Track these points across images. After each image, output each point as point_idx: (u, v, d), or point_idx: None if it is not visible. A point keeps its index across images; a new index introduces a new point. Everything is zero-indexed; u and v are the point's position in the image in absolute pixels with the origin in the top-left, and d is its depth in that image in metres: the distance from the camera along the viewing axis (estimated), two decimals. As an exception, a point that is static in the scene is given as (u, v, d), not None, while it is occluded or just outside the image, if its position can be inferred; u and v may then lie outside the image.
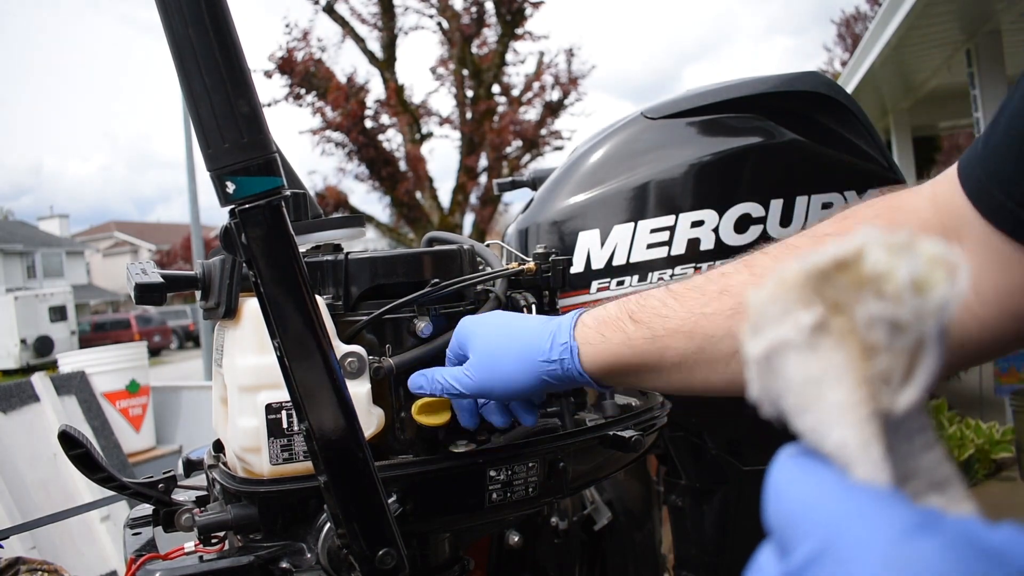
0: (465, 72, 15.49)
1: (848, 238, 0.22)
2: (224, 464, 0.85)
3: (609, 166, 1.14)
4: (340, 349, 0.76)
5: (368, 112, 14.81)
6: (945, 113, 9.57)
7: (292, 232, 0.62)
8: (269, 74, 14.33)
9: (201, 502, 0.85)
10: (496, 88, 15.78)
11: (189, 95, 0.58)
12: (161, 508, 0.81)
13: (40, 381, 3.52)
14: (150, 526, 0.88)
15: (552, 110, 15.89)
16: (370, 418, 0.77)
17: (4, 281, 29.97)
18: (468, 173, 15.37)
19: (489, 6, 15.12)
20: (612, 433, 0.88)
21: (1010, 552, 0.21)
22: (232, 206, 0.60)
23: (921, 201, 0.58)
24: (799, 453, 0.25)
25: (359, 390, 0.76)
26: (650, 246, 1.08)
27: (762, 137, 1.09)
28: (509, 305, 0.88)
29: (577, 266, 1.11)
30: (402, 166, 15.18)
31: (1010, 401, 3.72)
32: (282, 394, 0.74)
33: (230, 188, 0.59)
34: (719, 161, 1.08)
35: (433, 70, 16.03)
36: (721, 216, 1.06)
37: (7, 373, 18.71)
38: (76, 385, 3.75)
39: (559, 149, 16.25)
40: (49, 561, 1.36)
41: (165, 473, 0.83)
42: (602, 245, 1.10)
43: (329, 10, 14.84)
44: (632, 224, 1.08)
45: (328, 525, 0.73)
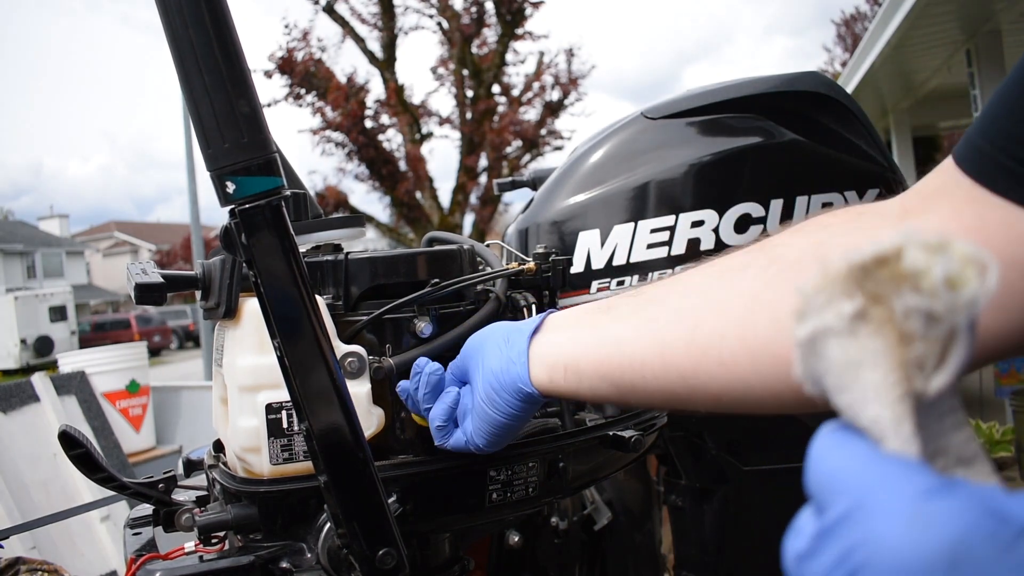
0: (465, 72, 15.50)
1: (887, 236, 0.25)
2: (224, 464, 0.85)
3: (609, 166, 1.14)
4: (340, 349, 0.76)
5: (368, 112, 14.83)
6: (945, 113, 9.57)
7: (292, 232, 0.62)
8: (269, 74, 14.35)
9: (201, 502, 0.85)
10: (496, 88, 15.79)
11: (189, 95, 0.58)
12: (161, 508, 0.81)
13: (40, 381, 3.52)
14: (150, 526, 0.88)
15: (552, 110, 15.90)
16: (370, 418, 0.77)
17: (4, 281, 29.98)
18: (468, 173, 15.37)
19: (489, 6, 15.13)
20: (612, 433, 0.88)
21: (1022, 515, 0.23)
22: (232, 206, 0.60)
23: (887, 206, 0.58)
24: (838, 427, 0.27)
25: (359, 390, 0.76)
26: (650, 246, 1.08)
27: (762, 137, 1.09)
28: (509, 305, 0.88)
29: (577, 266, 1.11)
30: (402, 166, 15.19)
31: (1010, 401, 3.72)
32: (282, 394, 0.74)
33: (230, 188, 0.59)
34: (719, 161, 1.08)
35: (433, 70, 16.04)
36: (721, 216, 1.06)
37: (7, 373, 18.72)
38: (76, 385, 3.75)
39: (559, 149, 16.27)
40: (49, 561, 1.36)
41: (165, 473, 0.83)
42: (602, 245, 1.10)
43: (329, 10, 14.84)
44: (632, 224, 1.08)
45: (328, 525, 0.73)
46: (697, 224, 1.06)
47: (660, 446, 1.26)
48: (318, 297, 0.69)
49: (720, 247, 1.05)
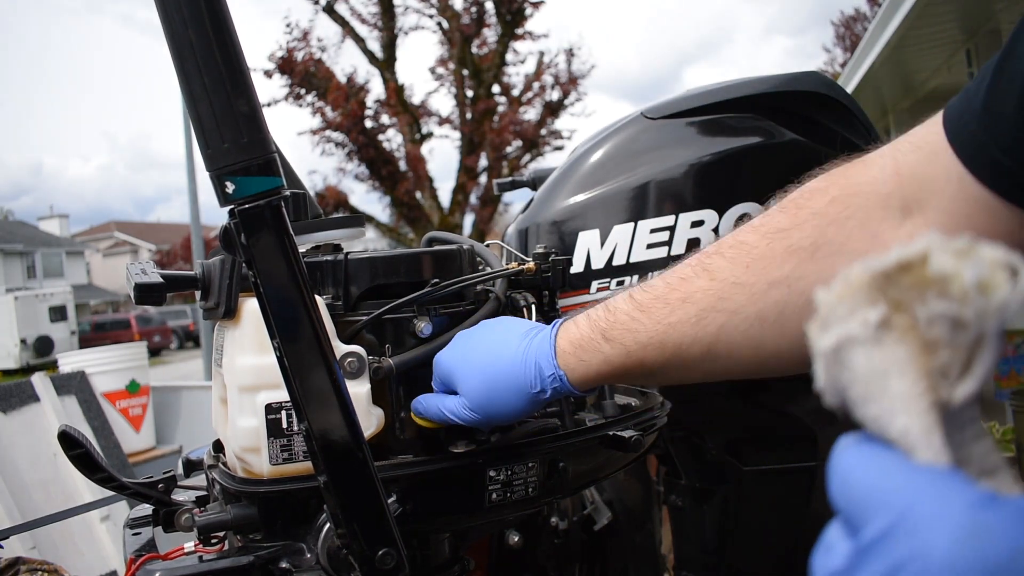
0: (465, 72, 15.50)
1: (911, 242, 0.24)
2: (224, 464, 0.85)
3: (609, 166, 1.14)
4: (340, 349, 0.76)
5: (368, 112, 14.82)
6: (945, 113, 9.55)
7: (292, 232, 0.62)
8: (269, 74, 14.34)
9: (201, 502, 0.85)
10: (496, 88, 15.78)
11: (188, 95, 0.58)
12: (161, 508, 0.81)
13: (40, 381, 3.52)
14: (150, 526, 0.88)
15: (552, 110, 15.90)
16: (370, 418, 0.77)
17: (4, 281, 29.98)
18: (468, 173, 15.37)
19: (489, 6, 15.12)
20: (612, 433, 0.88)
21: None
22: (232, 206, 0.60)
23: (878, 174, 0.58)
24: (862, 440, 0.26)
25: (359, 390, 0.76)
26: (650, 246, 1.08)
27: (762, 137, 1.09)
28: (509, 305, 0.88)
29: (577, 266, 1.11)
30: (402, 166, 15.19)
31: (1010, 401, 3.72)
32: (282, 394, 0.74)
33: (230, 188, 0.59)
34: (719, 161, 1.08)
35: (433, 70, 16.03)
36: (721, 216, 1.06)
37: (7, 373, 18.72)
38: (76, 385, 3.75)
39: (559, 149, 16.27)
40: (49, 561, 1.36)
41: (165, 473, 0.83)
42: (602, 245, 1.10)
43: (329, 10, 14.84)
44: (632, 224, 1.08)
45: (328, 525, 0.73)
46: (697, 224, 1.06)
47: (660, 446, 1.26)
48: (318, 297, 0.69)
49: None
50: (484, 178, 15.59)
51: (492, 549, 1.14)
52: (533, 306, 0.89)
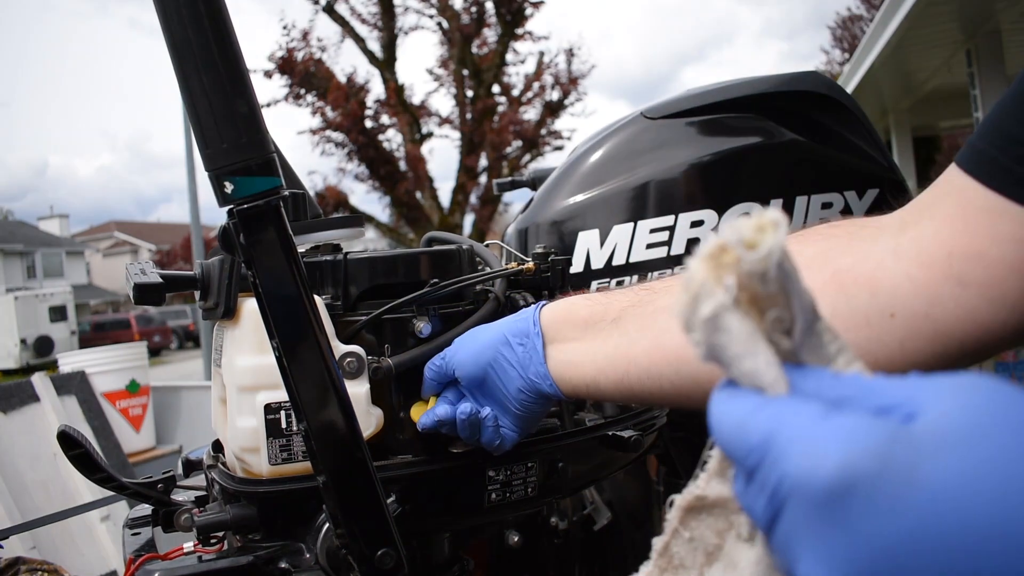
0: (465, 72, 15.50)
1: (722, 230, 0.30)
2: (223, 464, 0.85)
3: (609, 166, 1.14)
4: (339, 349, 0.76)
5: (368, 112, 14.82)
6: (945, 113, 9.58)
7: (291, 232, 0.62)
8: (269, 74, 14.34)
9: (200, 502, 0.85)
10: (496, 88, 15.78)
11: (187, 95, 0.58)
12: (160, 508, 0.81)
13: (40, 381, 3.52)
14: (149, 526, 0.88)
15: (552, 110, 15.90)
16: (369, 418, 0.77)
17: (4, 281, 29.98)
18: (468, 173, 15.37)
19: (489, 6, 15.12)
20: (612, 433, 0.88)
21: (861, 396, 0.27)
22: (231, 206, 0.60)
23: (886, 218, 0.58)
24: (727, 389, 0.31)
25: (358, 390, 0.76)
26: (650, 246, 1.08)
27: (762, 137, 1.09)
28: (508, 305, 0.88)
29: (577, 266, 1.11)
30: (402, 166, 15.19)
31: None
32: (281, 394, 0.74)
33: (229, 188, 0.59)
34: (719, 161, 1.08)
35: (433, 70, 16.03)
36: (721, 216, 1.06)
37: (7, 373, 18.72)
38: (76, 385, 3.75)
39: (559, 149, 16.26)
40: (49, 561, 1.36)
41: (164, 473, 0.83)
42: (602, 245, 1.10)
43: (329, 10, 14.84)
44: (632, 224, 1.08)
45: (327, 525, 0.73)
46: (697, 224, 1.06)
47: (660, 446, 1.26)
48: (317, 297, 0.69)
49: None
50: (484, 178, 15.59)
51: (492, 549, 1.13)
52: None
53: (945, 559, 0.23)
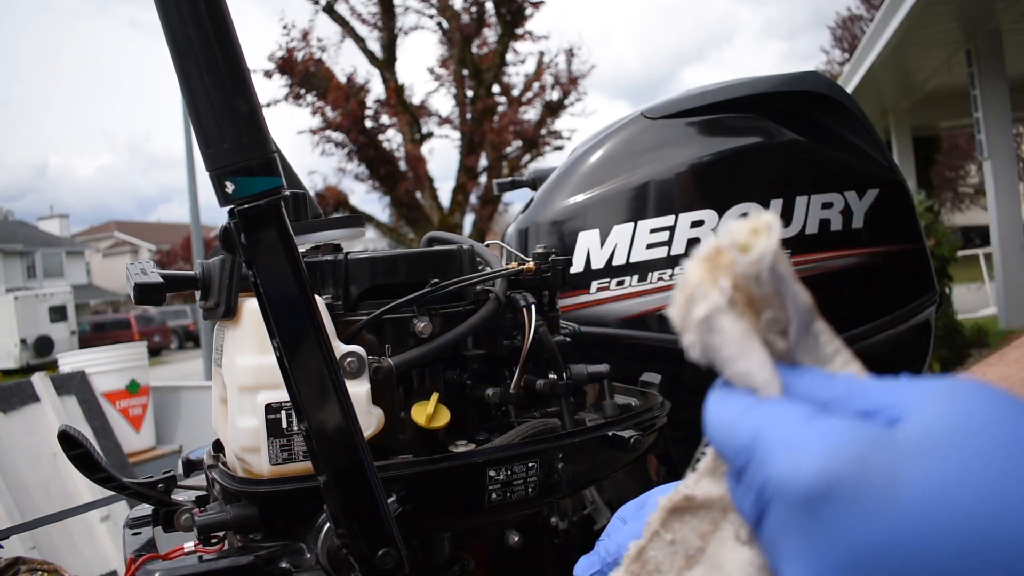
0: (465, 72, 15.49)
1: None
2: (224, 464, 0.85)
3: (609, 166, 1.14)
4: (340, 349, 0.76)
5: (368, 112, 14.82)
6: (945, 113, 9.58)
7: (292, 232, 0.62)
8: (269, 74, 14.34)
9: (201, 502, 0.85)
10: (496, 88, 15.78)
11: (188, 95, 0.58)
12: (161, 508, 0.81)
13: (40, 381, 3.52)
14: (150, 526, 0.88)
15: (552, 110, 15.89)
16: (370, 418, 0.77)
17: (4, 281, 29.98)
18: (468, 173, 15.37)
19: (489, 6, 15.12)
20: (612, 433, 0.88)
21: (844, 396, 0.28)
22: (231, 206, 0.60)
23: None
24: (722, 390, 0.31)
25: (359, 390, 0.76)
26: (650, 246, 1.08)
27: (762, 137, 1.09)
28: (508, 305, 0.88)
29: (577, 266, 1.11)
30: (402, 166, 15.18)
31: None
32: (282, 394, 0.74)
33: (229, 188, 0.59)
34: (719, 161, 1.08)
35: (433, 70, 16.03)
36: (721, 216, 1.06)
37: (7, 373, 18.71)
38: (76, 385, 3.75)
39: (559, 149, 16.26)
40: (49, 561, 1.36)
41: (165, 473, 0.83)
42: (602, 245, 1.10)
43: (329, 10, 14.84)
44: (632, 224, 1.08)
45: (328, 525, 0.73)
46: (697, 224, 1.06)
47: (660, 446, 1.26)
48: (318, 297, 0.69)
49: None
50: (484, 178, 15.59)
51: (492, 549, 1.13)
52: (533, 306, 0.88)
53: (924, 563, 0.23)
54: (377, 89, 15.90)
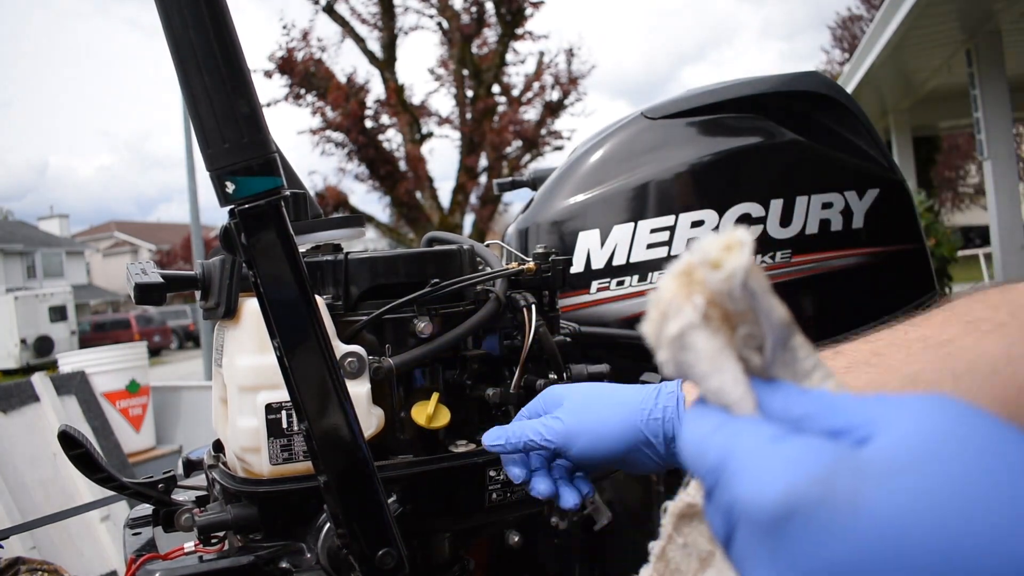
0: (465, 72, 15.49)
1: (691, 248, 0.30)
2: (224, 464, 0.85)
3: (609, 166, 1.14)
4: (340, 349, 0.76)
5: (368, 112, 14.81)
6: (945, 113, 9.58)
7: (292, 232, 0.62)
8: (269, 74, 14.33)
9: (201, 502, 0.85)
10: (496, 88, 15.77)
11: (189, 95, 0.58)
12: (161, 508, 0.81)
13: (40, 381, 3.52)
14: (150, 526, 0.88)
15: (552, 110, 15.89)
16: (370, 418, 0.77)
17: (4, 281, 29.98)
18: (468, 173, 15.37)
19: (489, 6, 15.12)
20: (612, 433, 0.88)
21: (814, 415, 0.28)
22: (232, 206, 0.60)
23: None
24: (697, 407, 0.31)
25: (359, 390, 0.76)
26: (650, 246, 1.08)
27: (762, 137, 1.09)
28: (509, 305, 0.88)
29: (577, 266, 1.11)
30: (402, 166, 15.18)
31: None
32: (282, 394, 0.74)
33: (230, 188, 0.59)
34: (719, 161, 1.08)
35: (433, 70, 16.03)
36: (721, 216, 1.06)
37: (7, 373, 18.71)
38: (76, 385, 3.75)
39: (559, 149, 16.26)
40: (49, 561, 1.36)
41: (165, 473, 0.83)
42: (602, 245, 1.10)
43: (329, 10, 14.84)
44: (632, 224, 1.08)
45: (328, 525, 0.73)
46: (697, 224, 1.06)
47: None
48: (318, 297, 0.69)
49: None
50: (484, 178, 15.58)
51: (492, 549, 1.14)
52: (533, 306, 0.88)
53: None
54: (377, 89, 15.92)
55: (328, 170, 27.03)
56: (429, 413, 0.80)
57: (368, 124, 14.77)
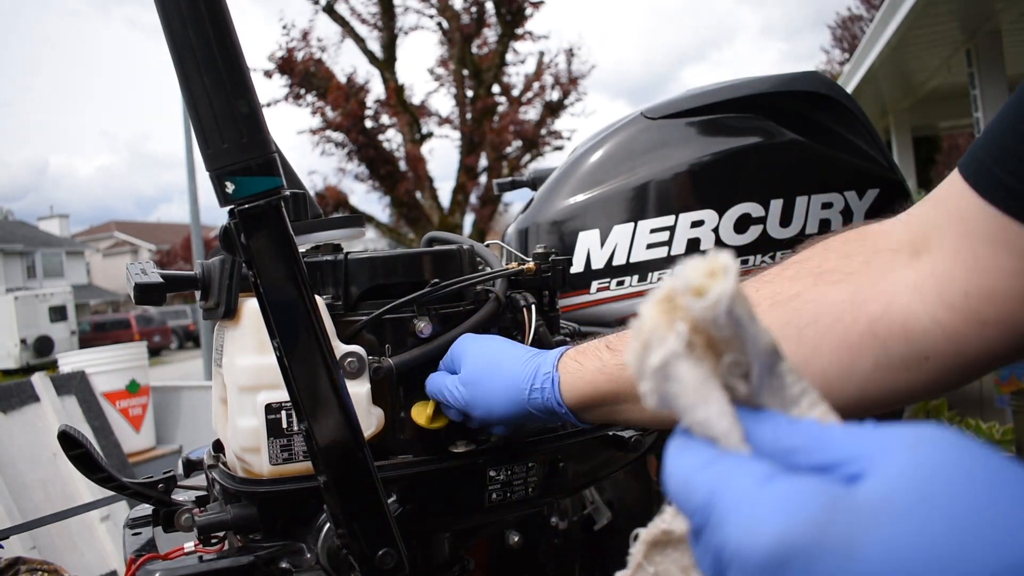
0: (465, 72, 15.49)
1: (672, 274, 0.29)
2: (224, 464, 0.85)
3: (609, 166, 1.14)
4: (340, 349, 0.76)
5: (368, 112, 14.81)
6: (945, 113, 9.57)
7: (292, 232, 0.62)
8: (269, 74, 14.33)
9: (201, 502, 0.85)
10: (496, 88, 15.78)
11: (188, 95, 0.58)
12: (161, 508, 0.81)
13: (40, 381, 3.52)
14: (150, 526, 0.88)
15: (552, 110, 15.89)
16: (370, 418, 0.77)
17: (4, 281, 29.97)
18: (468, 173, 15.37)
19: (489, 6, 15.12)
20: (612, 433, 0.88)
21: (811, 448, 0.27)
22: (231, 206, 0.60)
23: (890, 226, 0.60)
24: (682, 440, 0.30)
25: (359, 390, 0.76)
26: (650, 246, 1.08)
27: (762, 137, 1.09)
28: (509, 305, 0.88)
29: (577, 266, 1.11)
30: (402, 166, 15.18)
31: (1010, 401, 3.72)
32: (282, 394, 0.74)
33: (229, 188, 0.59)
34: (719, 161, 1.08)
35: (433, 70, 16.03)
36: (721, 216, 1.06)
37: (7, 373, 18.71)
38: (76, 385, 3.75)
39: (559, 149, 16.26)
40: (49, 561, 1.36)
41: (165, 473, 0.83)
42: (602, 245, 1.10)
43: (329, 10, 14.84)
44: (632, 224, 1.08)
45: (328, 525, 0.73)
46: (697, 224, 1.06)
47: (660, 446, 1.26)
48: (318, 297, 0.69)
49: (720, 247, 1.05)
50: (484, 178, 15.58)
51: (492, 549, 1.13)
52: (533, 306, 0.88)
53: None
54: (377, 89, 15.91)
55: (328, 170, 27.05)
56: (429, 413, 0.80)
57: (368, 124, 14.76)
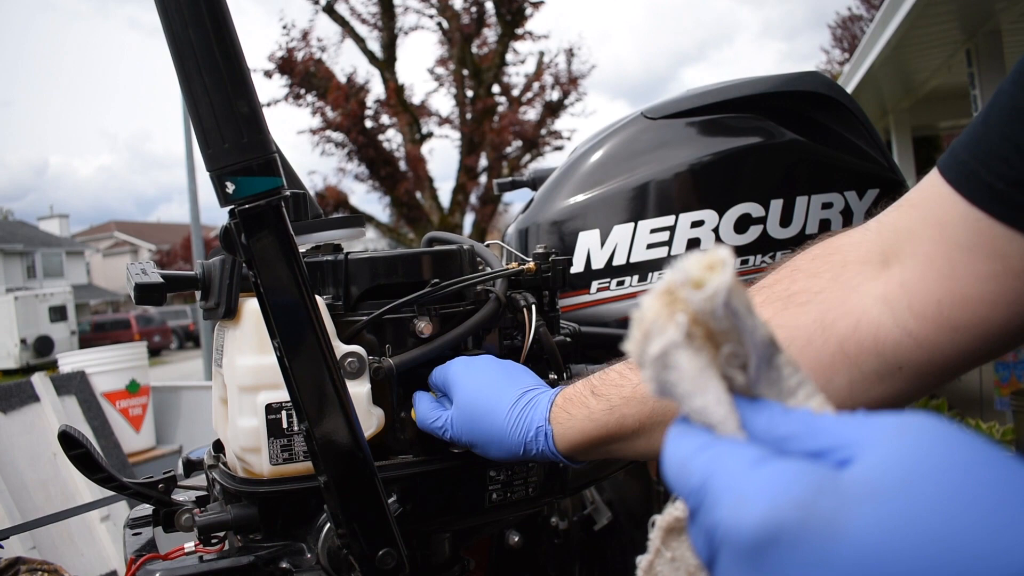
0: (465, 72, 15.50)
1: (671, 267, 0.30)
2: (224, 464, 0.85)
3: (609, 166, 1.14)
4: (340, 349, 0.76)
5: (368, 112, 14.82)
6: (945, 113, 9.57)
7: (292, 232, 0.62)
8: (269, 74, 14.34)
9: (201, 502, 0.85)
10: (496, 88, 15.78)
11: (189, 95, 0.58)
12: (161, 508, 0.81)
13: (40, 381, 3.51)
14: (150, 526, 0.88)
15: (552, 110, 15.89)
16: (370, 418, 0.77)
17: (4, 281, 29.97)
18: (468, 173, 15.37)
19: (489, 6, 15.12)
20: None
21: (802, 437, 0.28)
22: (232, 206, 0.60)
23: (860, 235, 0.60)
24: (681, 426, 0.31)
25: (359, 390, 0.76)
26: (650, 246, 1.08)
27: (762, 137, 1.09)
28: (509, 305, 0.88)
29: (577, 266, 1.11)
30: (402, 166, 15.18)
31: (1010, 401, 3.72)
32: (282, 394, 0.74)
33: (230, 188, 0.59)
34: (719, 161, 1.08)
35: (433, 70, 16.03)
36: (721, 216, 1.06)
37: (7, 373, 18.72)
38: (76, 385, 3.74)
39: (559, 149, 16.26)
40: (49, 561, 1.36)
41: (165, 473, 0.83)
42: (602, 245, 1.10)
43: (329, 10, 14.84)
44: (632, 224, 1.08)
45: (328, 525, 0.73)
46: (697, 224, 1.06)
47: (660, 446, 1.26)
48: (318, 297, 0.69)
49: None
50: (484, 178, 15.59)
51: (492, 549, 1.14)
52: (533, 306, 0.89)
53: None
54: (377, 89, 15.94)
55: (328, 170, 27.06)
56: None
57: (368, 124, 14.77)
